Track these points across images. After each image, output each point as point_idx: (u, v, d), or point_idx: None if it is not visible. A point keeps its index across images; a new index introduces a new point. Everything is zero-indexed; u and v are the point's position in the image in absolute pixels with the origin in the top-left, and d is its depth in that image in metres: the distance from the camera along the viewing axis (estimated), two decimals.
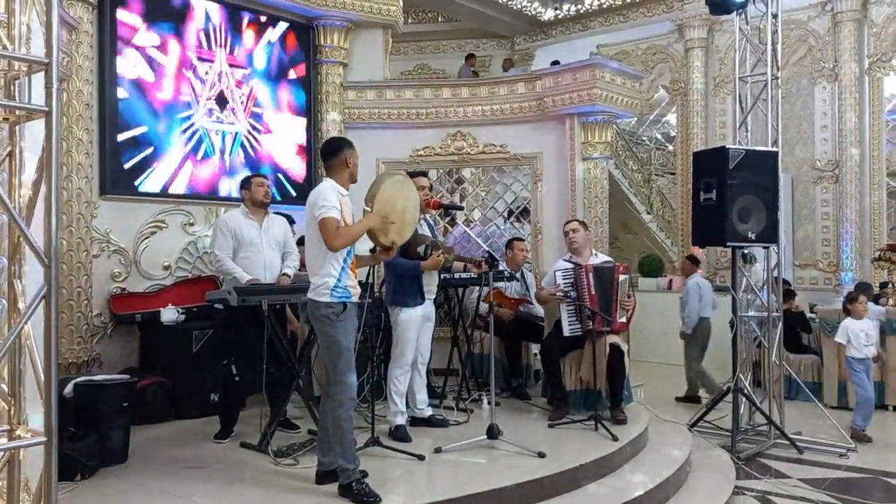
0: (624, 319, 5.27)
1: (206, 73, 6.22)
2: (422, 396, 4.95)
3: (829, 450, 5.53)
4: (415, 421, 4.87)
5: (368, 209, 3.75)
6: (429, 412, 4.96)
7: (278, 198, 6.50)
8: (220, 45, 6.33)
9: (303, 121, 6.93)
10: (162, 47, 5.93)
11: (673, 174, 12.06)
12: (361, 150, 7.42)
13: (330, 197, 3.60)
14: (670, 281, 10.02)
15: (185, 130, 6.06)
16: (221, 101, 6.32)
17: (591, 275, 5.16)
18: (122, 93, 5.66)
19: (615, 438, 4.58)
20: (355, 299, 3.72)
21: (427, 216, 5.03)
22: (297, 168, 6.88)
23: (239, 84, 6.46)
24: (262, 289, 4.47)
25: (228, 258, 4.79)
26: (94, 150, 5.48)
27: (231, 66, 6.40)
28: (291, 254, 5.09)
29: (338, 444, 3.59)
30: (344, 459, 3.57)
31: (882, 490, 4.84)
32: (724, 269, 9.88)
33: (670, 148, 12.43)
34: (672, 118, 12.08)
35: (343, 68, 7.05)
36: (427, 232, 4.86)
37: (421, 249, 4.61)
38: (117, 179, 5.62)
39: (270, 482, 3.82)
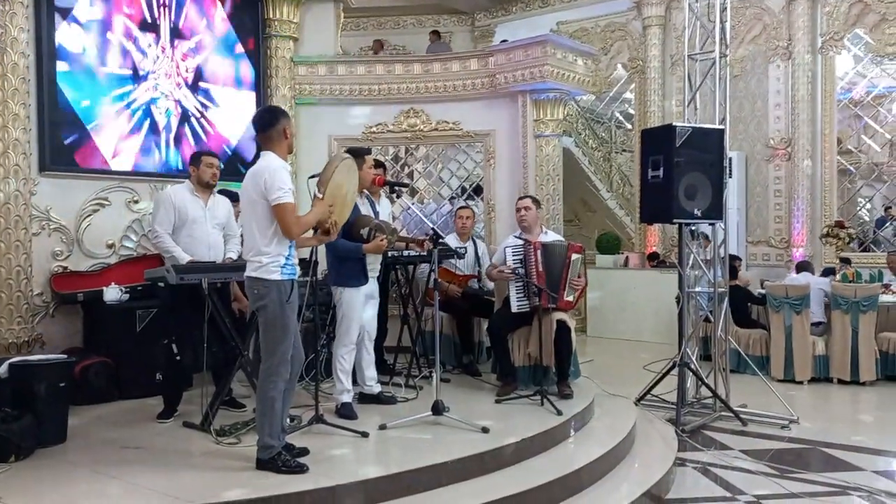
0: (571, 298, 5.29)
1: (150, 45, 6.06)
2: (370, 373, 4.92)
3: (773, 422, 5.64)
4: (364, 398, 4.86)
5: (320, 196, 3.70)
6: (377, 389, 4.95)
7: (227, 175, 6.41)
8: (165, 17, 6.17)
9: (252, 96, 6.80)
10: (103, 19, 5.75)
11: (632, 152, 12.11)
12: (313, 127, 7.33)
13: (286, 180, 3.53)
14: (626, 258, 10.11)
15: (128, 105, 5.90)
16: (166, 74, 6.17)
17: (538, 252, 5.18)
18: (61, 66, 5.48)
19: (559, 413, 4.63)
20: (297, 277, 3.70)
21: (375, 196, 4.99)
22: (245, 145, 6.76)
23: (185, 57, 6.31)
24: (201, 266, 4.39)
25: (168, 235, 4.64)
26: (33, 125, 5.32)
27: (176, 38, 6.24)
28: (234, 237, 4.92)
29: (266, 420, 3.58)
30: (269, 436, 3.57)
31: (822, 461, 4.94)
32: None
33: (629, 126, 12.48)
34: (632, 96, 12.10)
35: (293, 43, 6.93)
36: (369, 212, 4.81)
37: (364, 232, 4.55)
38: (57, 155, 5.47)
39: (209, 461, 3.79)
